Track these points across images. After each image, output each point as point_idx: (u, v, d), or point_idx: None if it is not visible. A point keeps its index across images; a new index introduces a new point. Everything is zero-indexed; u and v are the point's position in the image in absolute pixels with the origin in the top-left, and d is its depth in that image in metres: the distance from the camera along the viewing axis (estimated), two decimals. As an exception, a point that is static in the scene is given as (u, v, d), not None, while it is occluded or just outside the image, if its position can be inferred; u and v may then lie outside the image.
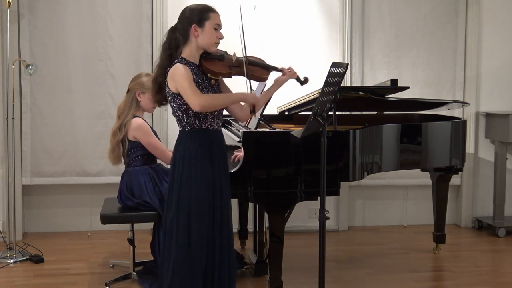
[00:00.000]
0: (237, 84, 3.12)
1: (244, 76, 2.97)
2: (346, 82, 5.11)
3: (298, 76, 3.12)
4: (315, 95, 3.72)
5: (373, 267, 4.27)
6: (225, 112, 3.11)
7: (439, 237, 4.58)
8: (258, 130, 3.61)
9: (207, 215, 2.87)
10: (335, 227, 5.30)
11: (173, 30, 2.98)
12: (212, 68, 2.90)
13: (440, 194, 4.51)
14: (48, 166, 4.90)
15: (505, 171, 5.27)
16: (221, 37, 2.92)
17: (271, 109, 4.27)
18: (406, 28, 5.25)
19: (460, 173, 4.73)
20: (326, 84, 2.82)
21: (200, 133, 2.89)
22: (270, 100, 3.34)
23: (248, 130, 3.54)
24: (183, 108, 2.85)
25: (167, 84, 2.87)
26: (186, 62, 2.87)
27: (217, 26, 2.91)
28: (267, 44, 4.98)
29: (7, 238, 4.49)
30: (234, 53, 2.97)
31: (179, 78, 2.78)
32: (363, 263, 4.38)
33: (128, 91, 3.91)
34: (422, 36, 5.27)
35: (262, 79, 3.10)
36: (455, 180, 5.25)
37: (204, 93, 2.87)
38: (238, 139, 3.52)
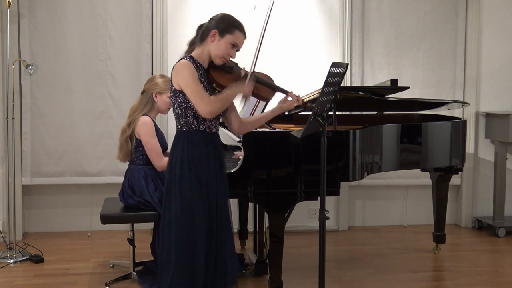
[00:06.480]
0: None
1: None
2: (346, 82, 5.11)
3: (304, 103, 3.01)
4: (315, 95, 3.71)
5: (373, 267, 4.27)
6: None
7: (439, 237, 4.58)
8: (258, 130, 3.61)
9: (202, 218, 2.79)
10: (335, 227, 5.30)
11: (200, 27, 2.93)
12: (219, 80, 2.84)
13: (440, 194, 4.51)
14: (48, 166, 4.90)
15: (505, 171, 5.27)
16: (232, 56, 2.87)
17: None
18: (406, 28, 5.25)
19: (460, 173, 4.72)
20: (326, 84, 2.82)
21: (197, 134, 2.83)
22: (271, 100, 3.32)
23: (248, 130, 3.53)
24: (183, 106, 2.79)
25: (171, 78, 2.82)
26: (194, 62, 2.82)
27: (235, 45, 2.85)
28: (267, 44, 4.98)
29: (7, 238, 4.49)
30: (244, 68, 2.91)
31: (187, 79, 2.74)
32: (363, 263, 4.38)
33: (142, 92, 3.92)
34: (422, 36, 5.27)
35: (265, 99, 3.03)
36: (455, 180, 5.25)
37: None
38: (238, 139, 3.52)
